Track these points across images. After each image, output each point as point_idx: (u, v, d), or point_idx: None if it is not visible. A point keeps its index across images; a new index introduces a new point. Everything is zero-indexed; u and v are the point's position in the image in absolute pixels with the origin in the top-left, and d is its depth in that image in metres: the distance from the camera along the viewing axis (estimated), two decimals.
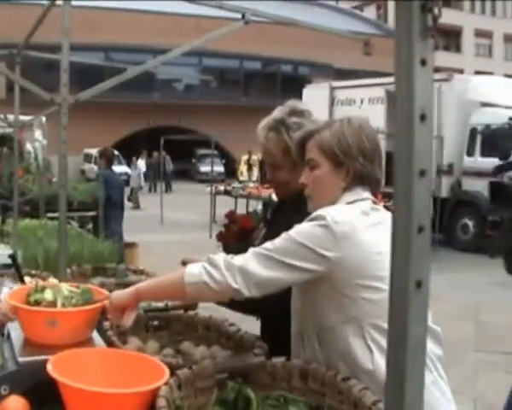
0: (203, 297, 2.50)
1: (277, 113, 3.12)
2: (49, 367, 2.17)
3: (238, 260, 2.36)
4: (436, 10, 0.95)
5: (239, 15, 4.25)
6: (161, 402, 2.03)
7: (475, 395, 7.17)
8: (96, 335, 2.73)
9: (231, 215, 3.90)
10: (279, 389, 2.34)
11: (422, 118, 0.99)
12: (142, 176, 34.79)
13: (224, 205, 20.57)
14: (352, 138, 2.52)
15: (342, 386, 2.22)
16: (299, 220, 2.46)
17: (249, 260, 2.35)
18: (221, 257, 2.40)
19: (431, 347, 2.43)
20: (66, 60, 3.81)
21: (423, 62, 0.98)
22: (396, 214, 1.06)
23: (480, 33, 62.69)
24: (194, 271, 2.38)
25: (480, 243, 17.76)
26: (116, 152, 38.23)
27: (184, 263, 2.64)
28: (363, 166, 2.52)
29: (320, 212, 2.40)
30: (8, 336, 2.63)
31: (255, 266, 2.33)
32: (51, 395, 2.17)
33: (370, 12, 58.11)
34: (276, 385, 2.37)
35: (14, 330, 2.66)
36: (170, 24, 40.80)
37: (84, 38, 31.06)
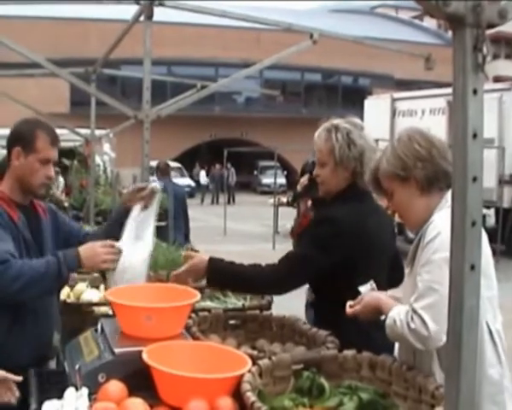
0: None
1: (336, 119, 3.44)
2: (145, 356, 2.45)
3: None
4: (485, 50, 1.20)
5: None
6: (246, 387, 2.29)
7: None
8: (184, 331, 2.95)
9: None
10: (349, 379, 2.59)
11: (474, 136, 1.24)
12: None
13: (286, 216, 20.69)
14: (404, 152, 2.73)
15: (408, 375, 2.46)
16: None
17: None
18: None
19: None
20: (149, 78, 3.94)
21: (475, 92, 1.23)
22: (454, 211, 1.30)
23: None
24: None
25: None
26: (179, 165, 38.19)
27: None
28: (425, 168, 2.70)
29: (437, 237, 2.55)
30: (102, 331, 2.90)
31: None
32: (144, 382, 2.45)
33: (431, 21, 57.64)
34: (346, 375, 2.62)
35: (108, 326, 2.93)
36: (232, 37, 41.20)
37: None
